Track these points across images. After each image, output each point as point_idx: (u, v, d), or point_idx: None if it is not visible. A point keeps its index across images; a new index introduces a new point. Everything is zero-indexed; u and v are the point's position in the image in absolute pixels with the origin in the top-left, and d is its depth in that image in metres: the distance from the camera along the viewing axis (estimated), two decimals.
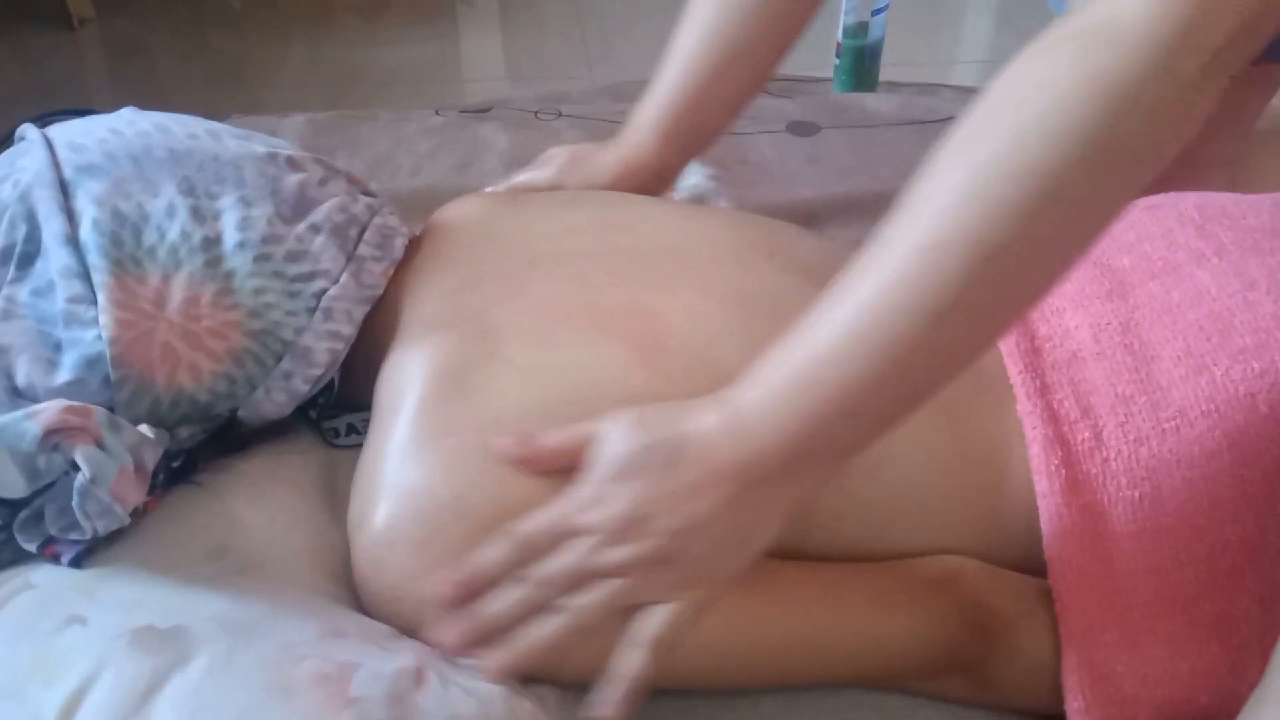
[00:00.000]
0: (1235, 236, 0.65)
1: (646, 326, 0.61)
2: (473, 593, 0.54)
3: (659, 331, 0.61)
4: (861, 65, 1.47)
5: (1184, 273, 0.64)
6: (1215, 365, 0.59)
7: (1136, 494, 0.58)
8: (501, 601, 0.53)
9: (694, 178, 1.12)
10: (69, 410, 0.53)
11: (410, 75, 1.95)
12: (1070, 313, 0.65)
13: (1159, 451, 0.58)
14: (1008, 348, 0.64)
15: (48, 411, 0.52)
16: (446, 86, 1.92)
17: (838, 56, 1.47)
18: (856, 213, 1.08)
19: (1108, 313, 0.64)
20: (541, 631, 0.53)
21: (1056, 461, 0.59)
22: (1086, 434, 0.60)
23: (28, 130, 0.65)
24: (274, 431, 0.69)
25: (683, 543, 0.52)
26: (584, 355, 0.60)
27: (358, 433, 0.69)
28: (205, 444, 0.67)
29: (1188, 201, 0.70)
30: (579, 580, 0.53)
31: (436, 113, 1.28)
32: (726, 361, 0.57)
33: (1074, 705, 0.55)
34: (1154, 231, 0.68)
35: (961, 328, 0.48)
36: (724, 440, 0.52)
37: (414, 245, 0.72)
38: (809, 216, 1.08)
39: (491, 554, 0.53)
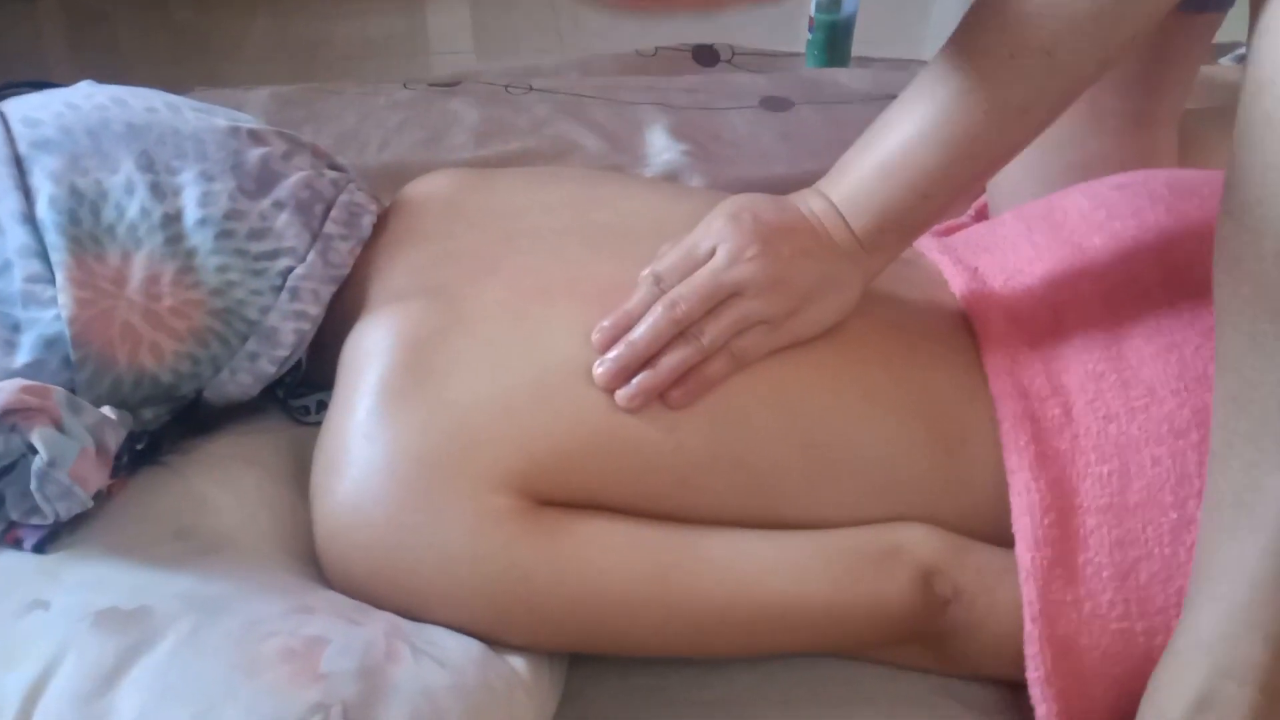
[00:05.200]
0: (1205, 215, 0.65)
1: (626, 299, 0.60)
2: (622, 330, 0.59)
3: None
4: (834, 41, 1.47)
5: (1154, 251, 0.64)
6: (1185, 343, 0.60)
7: (1105, 470, 0.58)
8: (646, 328, 0.58)
9: (667, 154, 1.11)
10: (27, 390, 0.52)
11: (377, 48, 1.92)
12: (1044, 290, 0.65)
13: (1128, 429, 0.58)
14: (980, 324, 0.64)
15: (4, 391, 0.51)
16: (414, 60, 1.90)
17: (810, 32, 1.47)
18: None
19: (1081, 291, 0.64)
20: (682, 354, 0.58)
21: (1026, 437, 0.59)
22: (1056, 410, 0.60)
23: None
24: (241, 411, 0.68)
25: (798, 269, 0.60)
26: (558, 327, 0.59)
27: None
28: (170, 425, 0.66)
29: (1158, 180, 0.70)
30: (710, 299, 0.59)
31: (405, 86, 1.26)
32: None
33: (1035, 675, 0.55)
34: (1125, 210, 0.68)
35: (1028, 120, 0.58)
36: (828, 217, 0.62)
37: (381, 221, 0.71)
38: (783, 192, 1.07)
39: (636, 297, 0.60)
